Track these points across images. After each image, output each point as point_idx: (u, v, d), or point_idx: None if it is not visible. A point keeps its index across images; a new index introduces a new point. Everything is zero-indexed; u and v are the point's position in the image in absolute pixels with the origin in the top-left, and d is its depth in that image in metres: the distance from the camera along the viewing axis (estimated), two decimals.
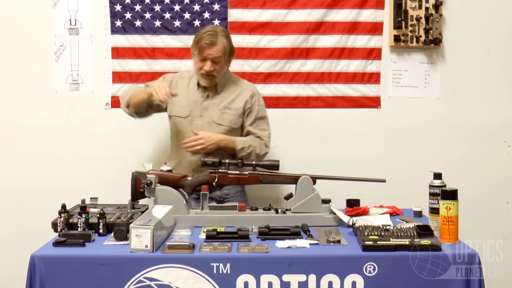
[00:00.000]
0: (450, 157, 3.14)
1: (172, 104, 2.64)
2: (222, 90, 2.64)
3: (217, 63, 2.53)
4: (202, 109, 2.61)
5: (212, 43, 2.49)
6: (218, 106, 2.61)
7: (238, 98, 2.64)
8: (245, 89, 2.68)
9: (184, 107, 2.62)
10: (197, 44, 2.52)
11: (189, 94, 2.64)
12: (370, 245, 1.89)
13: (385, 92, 3.17)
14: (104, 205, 2.41)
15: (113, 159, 3.10)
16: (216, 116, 2.60)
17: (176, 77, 2.72)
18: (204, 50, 2.50)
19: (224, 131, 2.58)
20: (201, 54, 2.51)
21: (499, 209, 3.22)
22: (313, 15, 3.10)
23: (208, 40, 2.49)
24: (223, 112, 2.60)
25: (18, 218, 3.11)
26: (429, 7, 3.08)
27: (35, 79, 3.10)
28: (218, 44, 2.51)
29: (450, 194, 1.97)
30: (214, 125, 2.59)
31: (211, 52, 2.50)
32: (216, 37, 2.51)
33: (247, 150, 2.55)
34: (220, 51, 2.51)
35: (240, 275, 1.84)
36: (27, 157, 3.11)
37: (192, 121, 2.60)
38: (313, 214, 2.24)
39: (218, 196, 2.53)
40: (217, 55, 2.51)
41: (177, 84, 2.67)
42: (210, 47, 2.49)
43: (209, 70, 2.52)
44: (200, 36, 2.53)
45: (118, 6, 3.07)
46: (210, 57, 2.51)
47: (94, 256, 1.87)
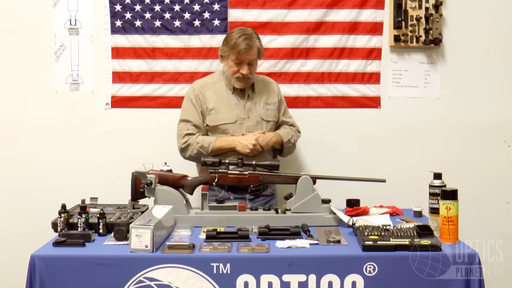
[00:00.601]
0: (450, 157, 3.14)
1: (213, 113, 2.60)
2: (256, 87, 2.69)
3: (252, 65, 2.57)
4: (247, 110, 2.63)
5: (249, 47, 2.51)
6: (260, 104, 2.66)
7: (271, 93, 2.72)
8: (270, 83, 2.78)
9: (229, 113, 2.61)
10: (234, 49, 2.51)
11: (224, 99, 2.63)
12: (370, 245, 1.89)
13: (385, 92, 3.17)
14: (104, 205, 2.41)
15: (113, 159, 3.10)
16: (262, 113, 2.65)
17: (198, 88, 2.65)
18: (242, 55, 2.51)
19: (271, 126, 2.68)
20: (239, 58, 2.52)
21: (499, 209, 3.21)
22: (313, 15, 3.10)
23: (246, 44, 2.50)
24: (267, 108, 2.67)
25: (18, 218, 3.11)
26: (429, 7, 3.08)
27: (35, 79, 3.10)
28: (254, 47, 2.54)
29: (450, 194, 1.97)
30: (263, 122, 2.64)
31: (249, 56, 2.53)
32: (252, 40, 2.53)
33: (292, 140, 2.68)
34: (255, 54, 2.56)
35: (240, 275, 1.84)
36: (27, 157, 3.11)
37: (241, 124, 2.60)
38: (313, 214, 2.24)
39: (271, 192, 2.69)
40: (254, 58, 2.56)
41: (205, 95, 2.63)
42: (248, 51, 2.51)
43: (246, 73, 2.54)
44: (235, 40, 2.51)
45: (118, 6, 3.07)
46: (247, 61, 2.53)
47: (94, 256, 1.87)
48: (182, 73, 3.11)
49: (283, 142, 2.64)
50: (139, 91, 3.12)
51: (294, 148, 2.77)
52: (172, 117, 3.04)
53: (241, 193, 2.59)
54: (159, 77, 3.11)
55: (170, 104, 3.10)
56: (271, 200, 2.72)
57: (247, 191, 2.59)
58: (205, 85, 2.68)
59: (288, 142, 2.66)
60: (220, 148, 2.54)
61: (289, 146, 2.68)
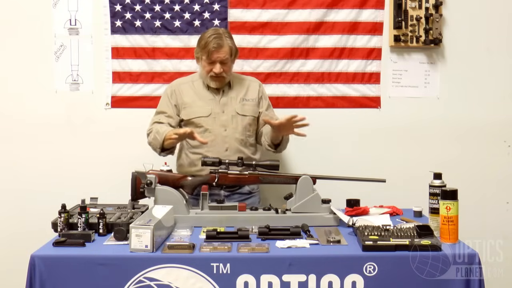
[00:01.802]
0: (450, 157, 3.14)
1: (188, 107, 2.64)
2: (233, 85, 2.71)
3: (225, 64, 2.58)
4: (222, 105, 2.64)
5: (219, 45, 2.54)
6: (237, 99, 2.67)
7: (250, 89, 2.73)
8: (252, 81, 2.79)
9: (203, 107, 2.64)
10: (205, 49, 2.55)
11: (201, 94, 2.67)
12: (370, 245, 1.89)
13: (385, 92, 3.17)
14: (104, 205, 2.41)
15: (113, 159, 3.10)
16: (238, 108, 2.65)
17: (175, 85, 2.73)
18: (212, 54, 2.54)
19: (248, 121, 2.66)
20: (210, 58, 2.55)
21: (499, 209, 3.21)
22: (313, 15, 3.10)
23: (215, 43, 2.53)
24: (243, 104, 2.67)
25: (18, 218, 3.11)
26: (429, 7, 3.08)
27: (35, 79, 3.10)
28: (225, 46, 2.56)
29: (450, 194, 1.97)
30: (239, 117, 2.65)
31: (219, 55, 2.55)
32: (222, 39, 2.56)
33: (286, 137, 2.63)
34: (227, 52, 2.57)
35: (240, 275, 1.84)
36: (27, 157, 3.11)
37: (215, 118, 2.62)
38: (313, 214, 2.24)
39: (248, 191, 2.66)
40: (225, 57, 2.56)
41: (181, 91, 2.68)
42: (218, 50, 2.54)
43: (219, 72, 2.56)
44: (206, 40, 2.56)
45: (118, 6, 3.07)
46: (218, 60, 2.55)
47: (94, 256, 1.87)
48: (182, 73, 3.10)
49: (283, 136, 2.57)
50: (139, 91, 3.12)
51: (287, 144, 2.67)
52: None
53: (216, 189, 2.53)
54: (159, 77, 3.11)
55: None
56: (248, 199, 2.65)
57: (221, 187, 2.56)
58: (183, 83, 2.74)
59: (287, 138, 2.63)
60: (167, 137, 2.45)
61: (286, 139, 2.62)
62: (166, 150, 2.53)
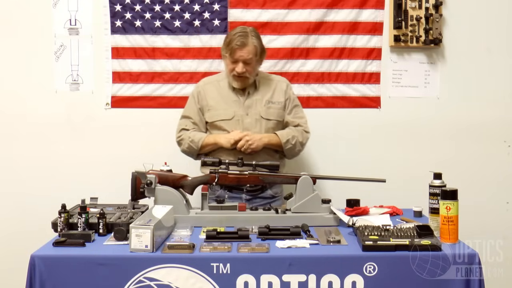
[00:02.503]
0: (450, 157, 3.14)
1: (212, 110, 2.62)
2: (260, 86, 2.65)
3: (249, 64, 2.52)
4: (246, 107, 2.60)
5: (243, 44, 2.48)
6: (262, 101, 2.61)
7: (277, 91, 2.66)
8: (280, 82, 2.71)
9: (227, 109, 2.60)
10: (228, 46, 2.51)
11: (225, 96, 2.62)
12: (370, 245, 1.88)
13: (385, 92, 3.17)
14: (104, 205, 2.41)
15: (113, 159, 3.10)
16: (263, 111, 2.60)
17: (201, 86, 2.70)
18: (235, 52, 2.49)
19: (272, 125, 2.61)
20: (233, 56, 2.50)
21: (499, 209, 3.22)
22: (313, 15, 3.10)
23: (239, 41, 2.48)
24: (268, 106, 2.62)
25: (18, 218, 3.11)
26: (429, 7, 3.08)
27: (35, 79, 3.10)
28: (249, 45, 2.50)
29: (450, 194, 1.97)
30: (263, 120, 2.60)
31: (243, 54, 2.49)
32: (247, 38, 2.50)
33: (292, 142, 2.58)
34: (251, 52, 2.50)
35: (240, 275, 1.84)
36: (27, 157, 3.11)
37: (239, 120, 2.58)
38: (313, 214, 2.24)
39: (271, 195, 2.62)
40: (248, 57, 2.50)
41: (206, 92, 2.65)
42: (241, 48, 2.48)
43: (241, 71, 2.51)
44: (231, 37, 2.52)
45: (118, 6, 3.07)
46: (241, 59, 2.50)
47: (94, 256, 1.87)
48: (182, 73, 3.11)
49: (282, 143, 2.57)
50: (139, 91, 3.12)
51: (298, 149, 2.64)
52: (172, 117, 3.04)
53: (237, 193, 2.58)
54: (159, 77, 3.11)
55: (170, 104, 3.11)
56: (271, 203, 2.63)
57: (243, 191, 2.58)
58: (209, 82, 2.70)
59: (287, 143, 2.57)
60: (208, 143, 2.56)
61: (289, 147, 2.58)
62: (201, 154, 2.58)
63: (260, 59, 2.61)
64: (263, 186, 2.62)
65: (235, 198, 2.57)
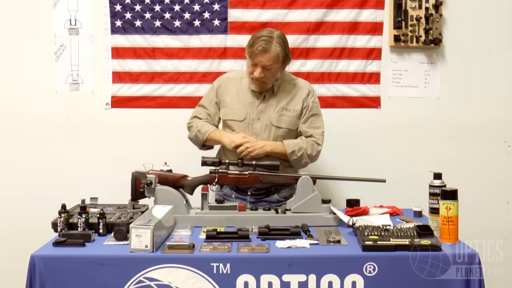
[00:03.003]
0: (450, 157, 3.14)
1: (227, 107, 2.57)
2: (278, 90, 2.55)
3: (269, 70, 2.42)
4: (258, 111, 2.52)
5: (264, 50, 2.37)
6: (276, 108, 2.52)
7: (295, 98, 2.55)
8: (301, 88, 2.58)
9: (240, 110, 2.53)
10: (250, 48, 2.41)
11: (242, 95, 2.56)
12: (370, 245, 1.88)
13: (385, 92, 3.17)
14: (104, 205, 2.41)
15: (113, 159, 3.10)
16: (274, 118, 2.51)
17: (223, 79, 2.63)
18: (255, 56, 2.39)
19: (283, 133, 2.52)
20: (252, 59, 2.41)
21: (499, 209, 3.22)
22: (313, 15, 3.10)
23: (260, 46, 2.37)
24: (281, 114, 2.52)
25: (18, 218, 3.11)
26: (429, 7, 3.08)
27: (35, 79, 3.10)
28: (271, 52, 2.38)
29: (450, 194, 1.97)
30: (272, 128, 2.51)
31: (262, 60, 2.38)
32: (270, 44, 2.38)
33: (298, 153, 2.48)
34: (272, 59, 2.39)
35: (240, 275, 1.84)
36: (27, 157, 3.11)
37: (249, 124, 2.52)
38: (313, 214, 2.24)
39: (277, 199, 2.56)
40: (268, 63, 2.39)
41: (226, 87, 2.59)
42: (262, 54, 2.38)
43: (258, 77, 2.42)
44: (254, 40, 2.41)
45: (118, 6, 3.07)
46: (261, 64, 2.40)
47: (94, 256, 1.87)
48: (182, 73, 3.11)
49: (287, 153, 2.47)
50: (139, 91, 3.12)
51: (305, 161, 2.52)
52: (172, 117, 3.06)
53: (243, 194, 2.56)
54: (159, 77, 3.11)
55: (170, 104, 3.11)
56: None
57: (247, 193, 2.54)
58: (232, 78, 2.64)
59: (292, 153, 2.46)
60: (213, 138, 2.55)
61: (295, 159, 2.47)
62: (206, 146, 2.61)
63: (283, 66, 2.50)
64: (268, 190, 2.56)
65: (240, 199, 2.55)
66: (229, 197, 2.56)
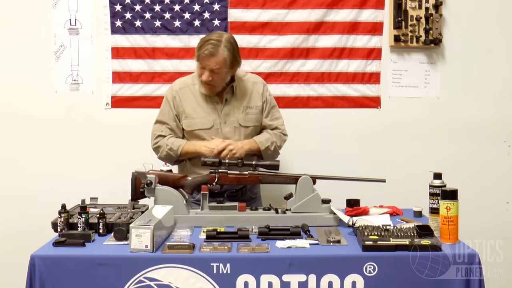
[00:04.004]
0: (450, 157, 3.14)
1: (189, 117, 2.53)
2: (237, 91, 2.56)
3: (217, 73, 2.41)
4: (224, 115, 2.52)
5: (211, 54, 2.35)
6: (240, 108, 2.53)
7: (254, 95, 2.57)
8: (256, 83, 2.61)
9: (206, 118, 2.51)
10: (198, 52, 2.40)
11: (203, 103, 2.53)
12: (370, 245, 1.88)
13: (385, 92, 3.17)
14: (104, 205, 2.41)
15: (113, 159, 3.10)
16: (241, 119, 2.53)
17: (176, 91, 2.56)
18: (202, 60, 2.38)
19: (250, 131, 2.55)
20: (201, 62, 2.40)
21: (499, 209, 3.22)
22: (313, 15, 3.10)
23: (207, 50, 2.35)
24: (246, 113, 2.54)
25: (18, 218, 3.11)
26: (429, 7, 3.08)
27: (35, 79, 3.10)
28: (218, 56, 2.36)
29: (450, 194, 1.97)
30: (241, 128, 2.53)
31: (210, 63, 2.37)
32: (218, 47, 2.36)
33: (271, 148, 2.53)
34: (219, 63, 2.37)
35: (240, 275, 1.84)
36: (27, 157, 3.11)
37: (218, 129, 2.51)
38: (313, 214, 2.24)
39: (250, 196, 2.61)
40: (216, 67, 2.38)
41: (182, 98, 2.54)
42: (209, 58, 2.36)
43: (206, 80, 2.41)
44: (202, 43, 2.39)
45: (118, 6, 3.07)
46: (208, 68, 2.38)
47: (94, 256, 1.87)
48: (182, 73, 3.10)
49: (261, 150, 2.51)
50: (139, 91, 3.12)
51: (277, 153, 2.60)
52: None
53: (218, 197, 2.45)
54: (159, 77, 3.11)
55: None
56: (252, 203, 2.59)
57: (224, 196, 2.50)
58: (184, 86, 2.57)
59: (266, 149, 2.51)
60: (188, 151, 2.49)
61: (268, 153, 2.52)
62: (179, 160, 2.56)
63: (232, 70, 2.46)
64: (242, 190, 2.58)
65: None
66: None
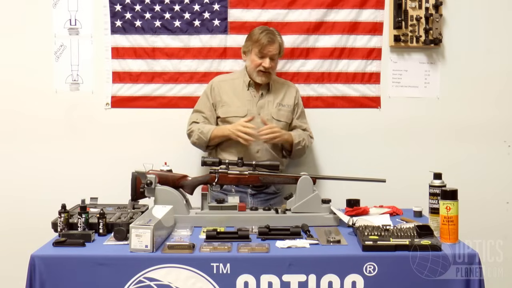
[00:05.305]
0: (450, 157, 3.14)
1: (226, 105, 2.72)
2: (272, 88, 2.78)
3: (273, 60, 2.69)
4: (258, 107, 2.72)
5: (272, 41, 2.65)
6: (273, 103, 2.75)
7: (287, 95, 2.81)
8: (290, 86, 2.88)
9: (241, 107, 2.71)
10: (257, 42, 2.64)
11: (239, 94, 2.74)
12: (370, 245, 1.89)
13: (385, 92, 3.16)
14: (104, 205, 2.41)
15: (113, 159, 3.10)
16: (274, 112, 2.73)
17: (215, 82, 2.81)
18: (265, 48, 2.64)
19: (282, 126, 2.72)
20: (262, 51, 2.64)
21: (499, 209, 3.21)
22: (313, 15, 3.10)
23: (268, 37, 2.64)
24: (279, 109, 2.75)
25: (18, 218, 3.11)
26: (429, 7, 3.08)
27: (35, 79, 3.10)
28: (276, 42, 2.68)
29: (450, 194, 1.97)
30: (273, 121, 2.71)
31: (271, 49, 2.65)
32: (274, 35, 2.69)
33: (302, 143, 2.72)
34: (277, 48, 2.69)
35: (240, 275, 1.84)
36: (27, 157, 3.10)
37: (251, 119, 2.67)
38: (313, 214, 2.24)
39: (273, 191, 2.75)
40: (275, 53, 2.68)
41: (220, 88, 2.76)
42: (271, 44, 2.64)
43: (268, 66, 2.65)
44: (258, 35, 2.66)
45: (118, 6, 3.07)
46: (269, 54, 2.65)
47: (94, 256, 1.87)
48: (182, 73, 3.11)
49: (293, 143, 2.68)
50: (139, 91, 3.12)
51: (304, 152, 2.81)
52: (172, 117, 3.05)
53: (243, 187, 2.66)
54: (159, 77, 3.11)
55: (170, 104, 3.10)
56: (273, 198, 2.75)
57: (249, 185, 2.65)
58: (223, 80, 2.82)
59: (298, 144, 2.70)
60: (216, 135, 2.65)
61: (298, 149, 2.72)
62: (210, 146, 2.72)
63: (279, 58, 2.78)
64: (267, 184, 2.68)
65: (240, 192, 2.66)
66: (229, 191, 2.62)
